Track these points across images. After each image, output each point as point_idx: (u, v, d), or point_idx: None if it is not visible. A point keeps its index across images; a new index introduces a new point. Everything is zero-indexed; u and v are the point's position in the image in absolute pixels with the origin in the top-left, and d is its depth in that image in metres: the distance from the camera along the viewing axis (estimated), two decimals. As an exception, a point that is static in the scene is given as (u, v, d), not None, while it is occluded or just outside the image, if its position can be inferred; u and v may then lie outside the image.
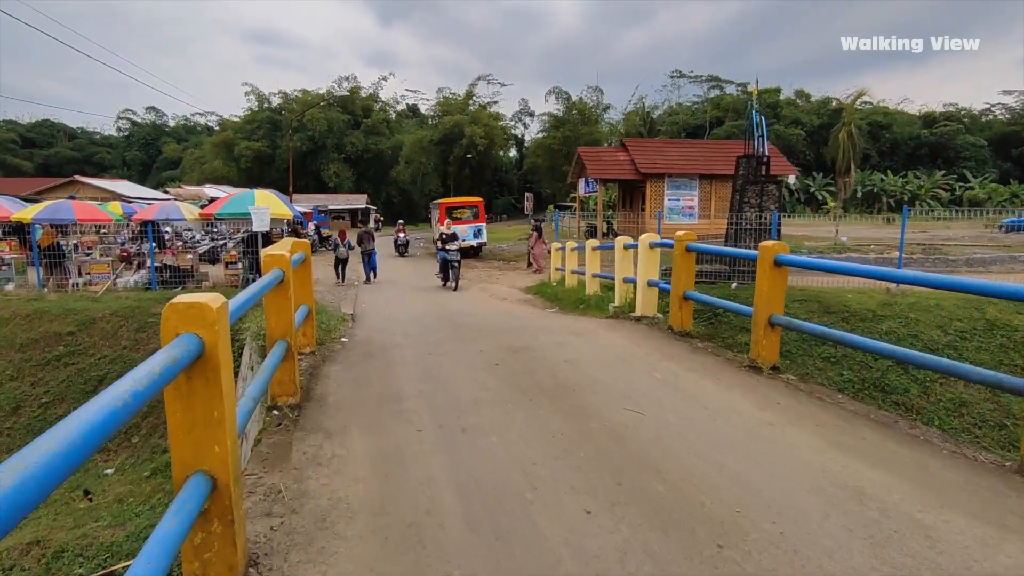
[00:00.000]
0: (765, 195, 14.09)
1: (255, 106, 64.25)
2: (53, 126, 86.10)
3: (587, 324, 7.60)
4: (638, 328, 7.03)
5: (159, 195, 36.73)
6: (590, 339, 6.47)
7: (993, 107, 75.44)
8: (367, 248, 16.22)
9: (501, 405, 4.24)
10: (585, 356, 5.67)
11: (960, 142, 67.99)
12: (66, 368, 11.06)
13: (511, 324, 7.83)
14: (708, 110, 70.37)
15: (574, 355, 5.71)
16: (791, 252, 5.07)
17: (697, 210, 26.46)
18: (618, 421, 3.90)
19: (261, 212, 13.67)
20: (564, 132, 57.28)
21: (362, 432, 3.75)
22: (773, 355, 5.14)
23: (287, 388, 4.22)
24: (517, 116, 71.13)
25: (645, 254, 7.56)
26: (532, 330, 7.16)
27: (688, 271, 6.42)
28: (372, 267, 16.41)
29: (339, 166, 59.54)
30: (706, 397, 4.40)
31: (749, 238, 14.07)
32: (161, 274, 14.37)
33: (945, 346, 10.80)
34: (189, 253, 15.45)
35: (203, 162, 64.19)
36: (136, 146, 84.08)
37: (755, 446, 3.50)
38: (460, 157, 58.16)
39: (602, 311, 9.04)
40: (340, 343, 6.41)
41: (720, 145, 31.44)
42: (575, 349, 5.97)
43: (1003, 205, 55.85)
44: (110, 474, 9.53)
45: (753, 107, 16.31)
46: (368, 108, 65.71)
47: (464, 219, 24.15)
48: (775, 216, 13.63)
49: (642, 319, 7.59)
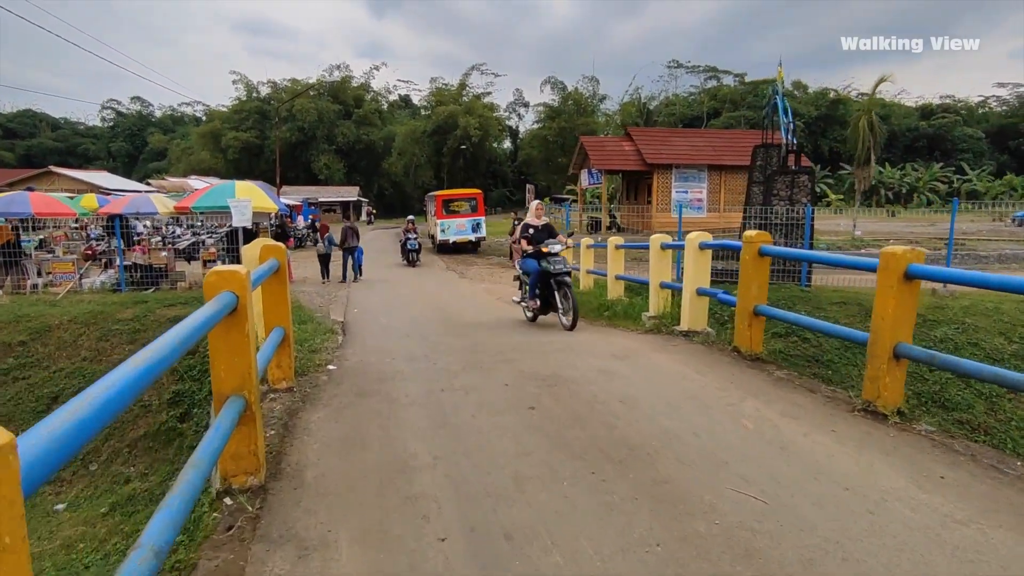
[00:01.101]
0: (796, 186, 12.86)
1: (243, 95, 62.44)
2: (35, 116, 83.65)
3: (625, 341, 6.34)
4: (692, 348, 5.77)
5: (140, 187, 35.13)
6: (639, 365, 5.21)
7: (988, 99, 74.89)
8: (349, 246, 15.03)
9: (553, 484, 2.97)
10: (642, 392, 4.40)
11: (958, 134, 67.41)
12: (15, 384, 9.68)
13: (533, 340, 6.53)
14: (705, 101, 69.43)
15: (627, 390, 4.44)
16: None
17: (706, 203, 25.25)
18: (734, 518, 2.64)
19: (242, 205, 12.30)
20: (560, 123, 56.13)
21: (355, 544, 2.47)
22: (898, 396, 3.89)
23: (246, 464, 2.92)
24: (511, 107, 69.83)
25: (694, 257, 6.30)
26: (561, 349, 5.89)
27: (761, 280, 5.16)
28: (357, 266, 15.33)
29: (330, 157, 57.95)
30: (834, 466, 3.15)
31: (779, 233, 12.87)
32: (132, 274, 12.98)
33: (1011, 356, 9.64)
34: (164, 250, 14.05)
35: (190, 153, 62.33)
36: (121, 137, 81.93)
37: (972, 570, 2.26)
38: (454, 148, 56.77)
39: (634, 322, 7.77)
40: (326, 371, 5.10)
41: (729, 135, 30.24)
42: (625, 380, 4.71)
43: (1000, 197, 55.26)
44: (61, 510, 8.20)
45: (777, 92, 15.04)
46: (360, 98, 64.02)
47: (462, 212, 22.79)
48: (809, 210, 12.41)
49: (691, 335, 6.33)
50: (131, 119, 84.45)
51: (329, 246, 15.29)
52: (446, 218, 22.28)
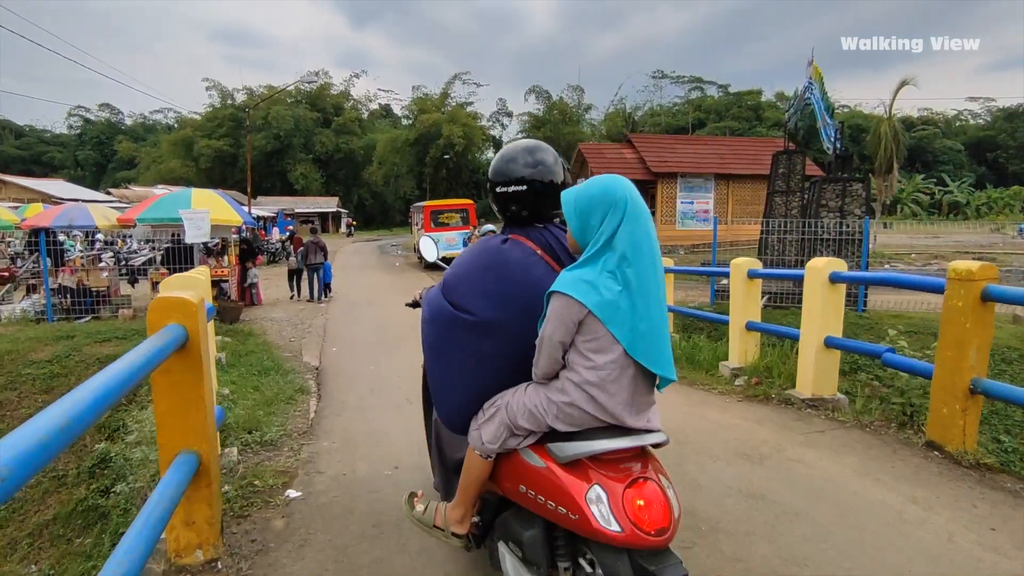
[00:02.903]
0: (848, 196, 11.12)
1: (217, 102, 59.88)
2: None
3: (728, 417, 4.39)
4: (853, 439, 3.81)
5: (100, 196, 32.61)
6: (796, 478, 3.25)
7: (961, 113, 75.37)
8: (314, 262, 13.46)
9: None
10: (855, 560, 2.46)
11: (938, 146, 67.52)
12: None
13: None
14: (690, 112, 68.77)
15: (820, 553, 2.50)
16: None
17: (712, 214, 23.55)
18: None
19: (197, 218, 10.18)
20: (545, 132, 54.82)
21: None
22: None
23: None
24: (495, 116, 68.17)
25: (822, 293, 4.40)
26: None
27: (983, 339, 3.26)
28: (325, 283, 13.89)
29: (307, 167, 55.62)
30: None
31: (828, 250, 11.14)
32: (61, 299, 10.77)
33: None
34: (104, 270, 11.83)
35: (160, 162, 59.47)
36: (89, 145, 78.39)
37: None
38: (436, 158, 54.93)
39: (707, 373, 5.86)
40: (284, 507, 3.02)
41: (736, 142, 28.81)
42: (801, 523, 2.76)
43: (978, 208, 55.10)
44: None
45: (811, 90, 13.34)
46: (339, 106, 61.89)
47: (452, 225, 20.82)
48: (866, 223, 10.68)
49: (821, 405, 4.43)
50: (100, 126, 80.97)
51: (301, 261, 13.81)
52: (435, 231, 20.32)
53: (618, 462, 1.70)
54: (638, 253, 1.63)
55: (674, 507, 1.64)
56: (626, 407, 1.68)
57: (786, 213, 13.82)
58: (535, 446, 1.81)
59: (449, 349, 1.97)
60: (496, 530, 2.04)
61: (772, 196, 13.95)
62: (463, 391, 1.96)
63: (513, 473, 1.86)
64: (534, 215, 2.03)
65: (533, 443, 1.82)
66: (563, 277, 1.68)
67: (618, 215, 1.65)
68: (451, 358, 1.97)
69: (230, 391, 5.11)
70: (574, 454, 1.68)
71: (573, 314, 1.63)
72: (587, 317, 1.63)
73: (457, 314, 1.93)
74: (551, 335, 1.68)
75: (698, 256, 19.38)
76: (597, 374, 1.65)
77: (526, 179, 1.99)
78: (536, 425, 1.76)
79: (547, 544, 1.81)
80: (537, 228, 2.02)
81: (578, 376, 1.67)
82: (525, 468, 1.81)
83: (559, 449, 1.72)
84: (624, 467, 1.68)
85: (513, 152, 2.08)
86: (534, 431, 1.79)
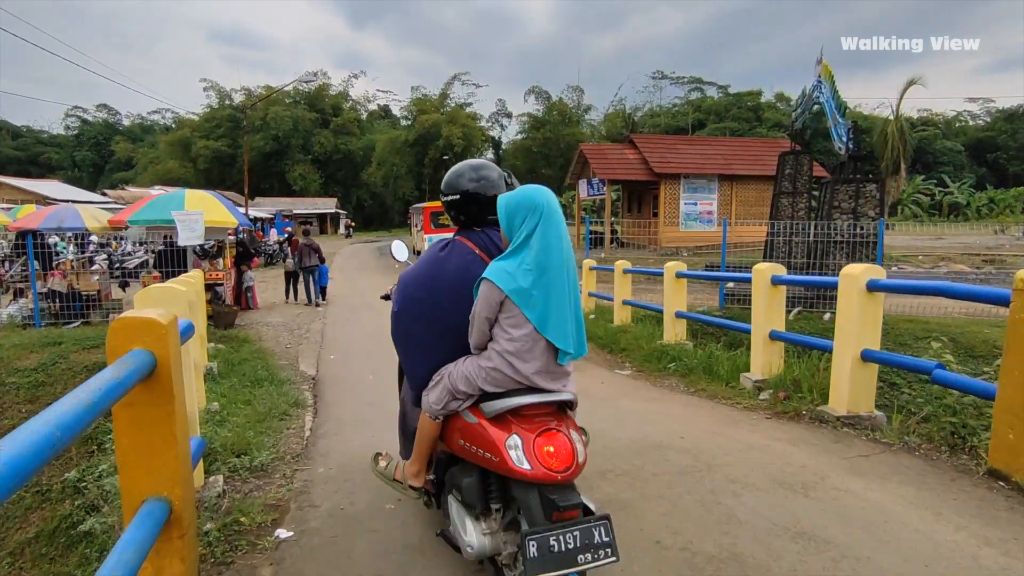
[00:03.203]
0: (862, 197, 10.79)
1: (215, 103, 59.46)
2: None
3: (759, 438, 4.02)
4: (902, 465, 3.45)
5: (95, 197, 32.24)
6: (850, 514, 2.88)
7: (961, 114, 75.10)
8: (308, 265, 13.13)
9: None
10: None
11: (938, 147, 67.21)
12: None
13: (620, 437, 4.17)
14: (690, 112, 68.49)
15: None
16: None
17: (716, 216, 23.22)
18: None
19: (191, 219, 9.83)
20: (544, 133, 54.49)
21: None
22: None
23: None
24: (494, 117, 67.82)
25: (859, 302, 4.06)
26: (677, 463, 3.56)
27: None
28: (321, 287, 13.60)
29: (306, 167, 55.27)
30: None
31: (840, 252, 10.81)
32: (50, 304, 10.42)
33: None
34: (95, 273, 11.48)
35: (157, 163, 59.03)
36: (86, 146, 77.87)
37: None
38: (436, 159, 54.60)
39: (725, 385, 5.52)
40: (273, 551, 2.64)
41: (740, 143, 28.49)
42: (866, 570, 2.41)
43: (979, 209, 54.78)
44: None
45: (821, 87, 12.99)
46: (337, 106, 61.50)
47: (453, 226, 20.43)
48: (881, 225, 10.35)
49: (858, 424, 4.09)
50: (97, 127, 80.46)
51: (298, 264, 13.53)
52: (436, 232, 19.97)
53: (534, 417, 2.10)
54: (548, 250, 2.03)
55: (579, 453, 2.02)
56: (539, 373, 2.10)
57: (792, 215, 13.48)
58: (472, 408, 2.22)
59: (407, 335, 2.43)
60: (446, 486, 2.43)
61: (778, 197, 13.64)
62: (421, 369, 2.39)
63: (456, 431, 2.28)
64: (476, 220, 2.43)
65: (471, 405, 2.22)
66: (490, 267, 2.09)
67: (536, 218, 2.04)
68: (409, 342, 2.43)
69: (220, 405, 4.76)
70: (498, 409, 2.10)
71: (495, 296, 2.06)
72: (506, 299, 2.04)
73: (409, 307, 2.39)
74: (479, 312, 2.11)
75: (702, 258, 19.00)
76: (514, 344, 2.07)
77: (469, 191, 2.39)
78: (471, 388, 2.17)
79: (482, 489, 2.20)
80: (476, 231, 2.43)
81: (500, 346, 2.09)
82: (464, 425, 2.22)
83: (488, 407, 2.14)
84: (539, 421, 2.08)
85: (462, 168, 2.47)
86: (470, 394, 2.19)
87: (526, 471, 1.95)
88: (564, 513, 1.94)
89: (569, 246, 2.12)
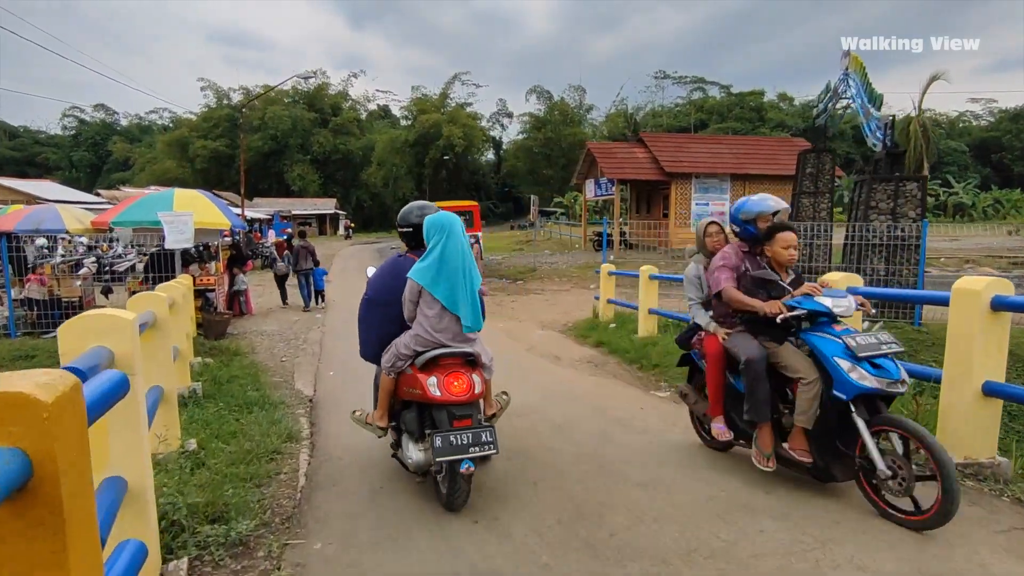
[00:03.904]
0: (901, 197, 10.03)
1: (213, 103, 58.71)
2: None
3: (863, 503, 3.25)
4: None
5: (90, 198, 31.44)
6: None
7: (964, 114, 74.37)
8: (303, 268, 12.63)
9: None
10: None
11: (942, 147, 66.47)
12: None
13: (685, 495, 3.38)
14: (692, 112, 67.80)
15: None
16: None
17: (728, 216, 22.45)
18: None
19: (179, 221, 9.06)
20: (546, 133, 53.68)
21: None
22: None
23: None
24: (495, 117, 67.10)
25: (981, 324, 3.30)
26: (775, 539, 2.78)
27: None
28: (318, 290, 13.08)
29: (304, 168, 54.56)
30: None
31: (878, 256, 10.08)
32: (28, 312, 9.66)
33: None
34: (79, 279, 10.69)
35: (155, 163, 58.23)
36: (84, 146, 77.01)
37: None
38: (436, 159, 53.89)
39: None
40: None
41: (752, 141, 27.75)
42: None
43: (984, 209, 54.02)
44: None
45: (847, 81, 12.24)
46: (337, 106, 60.80)
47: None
48: (924, 227, 9.60)
49: (976, 473, 3.33)
50: (95, 127, 79.58)
51: (287, 266, 13.36)
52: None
53: (449, 367, 3.31)
54: (447, 256, 3.27)
55: (475, 385, 3.27)
56: (449, 338, 3.36)
57: (814, 216, 12.75)
58: (412, 366, 3.39)
59: (368, 316, 3.72)
60: (399, 424, 3.62)
61: (799, 197, 12.91)
62: (375, 340, 3.66)
63: (404, 383, 3.45)
64: (420, 243, 3.50)
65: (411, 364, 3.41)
66: (413, 268, 3.37)
67: (443, 235, 3.30)
68: (370, 322, 3.70)
69: (198, 442, 3.99)
70: (424, 359, 3.30)
71: (415, 287, 3.35)
72: (422, 289, 3.32)
73: (372, 297, 3.69)
74: (407, 297, 3.42)
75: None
76: (429, 319, 3.33)
77: (416, 224, 3.62)
78: (408, 350, 3.38)
79: (419, 421, 3.40)
80: (418, 250, 3.53)
81: (421, 318, 3.37)
82: (407, 377, 3.42)
83: (418, 360, 3.33)
84: (451, 369, 3.30)
85: (412, 207, 3.79)
86: (409, 356, 3.39)
87: (437, 396, 3.16)
88: (461, 421, 3.17)
89: (469, 252, 3.38)
